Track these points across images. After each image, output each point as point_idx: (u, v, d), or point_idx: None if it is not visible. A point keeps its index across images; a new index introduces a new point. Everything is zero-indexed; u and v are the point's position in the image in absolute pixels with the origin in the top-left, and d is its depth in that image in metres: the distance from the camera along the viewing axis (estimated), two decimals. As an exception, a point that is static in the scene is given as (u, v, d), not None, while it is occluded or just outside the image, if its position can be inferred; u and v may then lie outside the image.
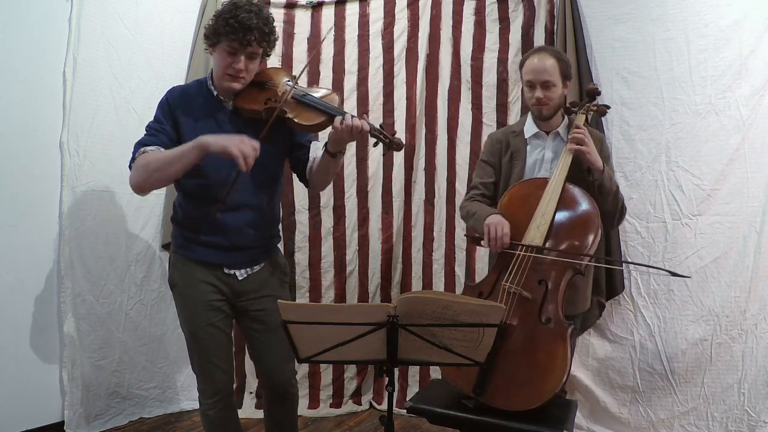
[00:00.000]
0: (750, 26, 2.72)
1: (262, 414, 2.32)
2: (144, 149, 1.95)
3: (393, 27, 3.32)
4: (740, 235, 2.75)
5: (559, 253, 2.06)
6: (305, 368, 3.32)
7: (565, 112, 2.36)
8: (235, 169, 1.87)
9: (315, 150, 2.15)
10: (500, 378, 1.98)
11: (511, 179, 2.37)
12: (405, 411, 2.22)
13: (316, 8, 3.33)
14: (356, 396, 3.40)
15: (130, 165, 1.98)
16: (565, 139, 2.28)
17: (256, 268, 2.13)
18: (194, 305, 2.06)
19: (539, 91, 2.26)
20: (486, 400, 1.99)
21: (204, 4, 3.21)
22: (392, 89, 3.34)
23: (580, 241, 2.10)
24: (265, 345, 2.15)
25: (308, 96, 2.04)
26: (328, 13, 3.32)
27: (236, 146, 1.80)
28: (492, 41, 3.18)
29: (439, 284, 3.33)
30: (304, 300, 3.35)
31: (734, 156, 2.76)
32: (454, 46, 3.26)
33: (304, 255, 3.36)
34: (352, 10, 3.33)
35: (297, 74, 2.15)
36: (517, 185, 2.29)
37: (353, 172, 3.35)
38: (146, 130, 2.03)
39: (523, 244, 2.09)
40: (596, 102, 2.37)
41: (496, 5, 3.17)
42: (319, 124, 2.01)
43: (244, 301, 2.12)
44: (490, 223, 2.14)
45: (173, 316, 2.19)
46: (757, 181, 2.73)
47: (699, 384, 2.81)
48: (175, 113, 2.02)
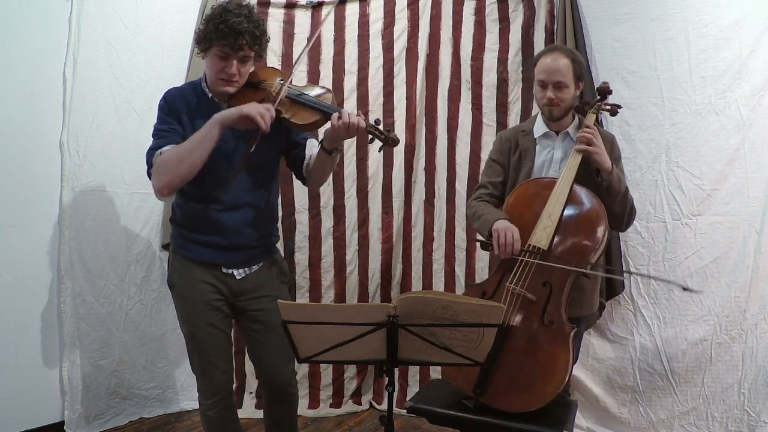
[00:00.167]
0: (750, 26, 2.73)
1: (262, 414, 2.32)
2: (160, 151, 1.94)
3: (393, 27, 3.32)
4: (740, 235, 2.75)
5: (562, 263, 2.02)
6: (305, 368, 3.32)
7: (576, 111, 2.31)
8: (252, 136, 1.94)
9: (311, 147, 2.15)
10: (501, 379, 1.98)
11: (519, 179, 2.32)
12: (405, 411, 2.22)
13: (316, 8, 3.33)
14: (356, 396, 3.40)
15: (148, 173, 1.97)
16: (574, 139, 2.22)
17: (255, 267, 2.13)
18: (193, 305, 2.06)
19: (551, 92, 2.20)
20: (486, 401, 1.99)
21: (204, 4, 3.20)
22: (392, 89, 3.34)
23: (586, 243, 2.06)
24: (264, 345, 2.15)
25: (303, 95, 2.04)
26: (328, 13, 3.31)
27: (252, 108, 1.89)
28: (492, 41, 3.18)
29: (439, 284, 3.33)
30: (304, 300, 3.34)
31: (734, 156, 2.76)
32: (454, 46, 3.26)
33: (304, 255, 3.36)
34: (352, 10, 3.33)
35: (291, 74, 2.15)
36: (524, 184, 2.25)
37: (353, 172, 3.35)
38: (155, 135, 2.02)
39: (527, 249, 2.06)
40: (608, 101, 2.32)
41: (496, 5, 3.17)
42: (315, 123, 2.02)
43: (243, 301, 2.12)
44: (499, 229, 2.09)
45: (173, 316, 2.19)
46: (757, 181, 2.73)
47: (699, 384, 2.81)
48: (177, 112, 2.03)
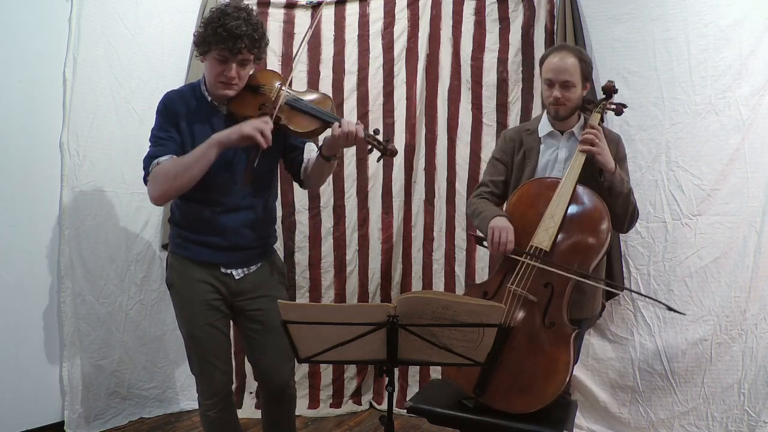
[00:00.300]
0: (750, 26, 2.73)
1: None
2: (157, 161, 1.95)
3: (393, 27, 3.32)
4: (740, 235, 2.75)
5: (564, 265, 2.01)
6: (305, 368, 3.32)
7: (580, 109, 2.29)
8: (253, 149, 1.93)
9: (309, 151, 2.16)
10: (502, 380, 1.98)
11: (522, 178, 2.31)
12: (405, 411, 2.22)
13: (316, 8, 3.33)
14: (356, 396, 3.40)
15: (144, 179, 1.98)
16: (579, 139, 2.20)
17: (253, 268, 2.14)
18: (192, 305, 2.06)
19: (557, 91, 2.18)
20: (487, 401, 1.99)
21: (204, 4, 3.20)
22: (392, 89, 3.34)
23: (588, 245, 2.05)
24: (262, 345, 2.15)
25: (302, 102, 2.04)
26: (328, 13, 3.32)
27: (250, 127, 1.88)
28: (492, 41, 3.18)
29: (439, 284, 3.33)
30: (304, 300, 3.34)
31: (734, 156, 2.76)
32: (454, 46, 3.26)
33: (304, 255, 3.36)
34: (352, 10, 3.33)
35: (289, 76, 2.15)
36: (527, 184, 2.24)
37: (353, 172, 3.35)
38: (152, 141, 2.02)
39: (529, 251, 2.05)
40: (613, 100, 2.30)
41: (496, 5, 3.17)
42: (314, 131, 2.02)
43: (241, 301, 2.12)
44: (494, 227, 2.10)
45: (173, 316, 2.19)
46: (757, 181, 2.73)
47: (699, 384, 2.81)
48: (175, 117, 2.02)
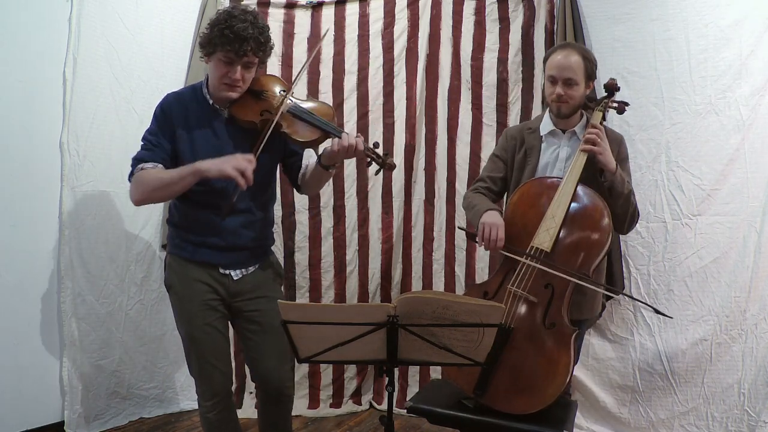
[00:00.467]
0: (750, 26, 2.72)
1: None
2: (143, 165, 1.97)
3: (393, 27, 3.32)
4: (740, 235, 2.75)
5: (565, 266, 2.00)
6: (305, 368, 3.32)
7: (582, 108, 2.28)
8: (232, 182, 1.89)
9: (308, 157, 2.18)
10: (502, 380, 1.98)
11: (523, 177, 2.30)
12: (405, 411, 2.22)
13: (316, 8, 3.33)
14: (356, 396, 3.40)
15: (129, 178, 2.01)
16: (581, 138, 2.20)
17: (251, 268, 2.14)
18: (191, 305, 2.07)
19: (560, 88, 2.16)
20: (487, 402, 1.99)
21: (204, 4, 3.20)
22: (392, 89, 3.33)
23: (589, 246, 2.05)
24: (260, 346, 2.15)
25: (305, 111, 2.05)
26: (328, 13, 3.32)
27: (232, 166, 1.85)
28: (492, 41, 3.18)
29: (439, 284, 3.33)
30: (304, 300, 3.34)
31: (734, 156, 2.76)
32: (454, 46, 3.26)
33: (304, 255, 3.36)
34: (352, 10, 3.32)
35: (292, 83, 2.16)
36: (528, 183, 2.23)
37: (353, 172, 3.35)
38: (143, 142, 2.03)
39: (529, 252, 2.05)
40: (615, 98, 2.29)
41: (496, 5, 3.17)
42: (315, 141, 2.04)
43: (239, 302, 2.13)
44: (485, 223, 2.09)
45: (173, 316, 2.19)
46: (757, 181, 2.73)
47: (699, 384, 2.81)
48: (171, 123, 2.02)
